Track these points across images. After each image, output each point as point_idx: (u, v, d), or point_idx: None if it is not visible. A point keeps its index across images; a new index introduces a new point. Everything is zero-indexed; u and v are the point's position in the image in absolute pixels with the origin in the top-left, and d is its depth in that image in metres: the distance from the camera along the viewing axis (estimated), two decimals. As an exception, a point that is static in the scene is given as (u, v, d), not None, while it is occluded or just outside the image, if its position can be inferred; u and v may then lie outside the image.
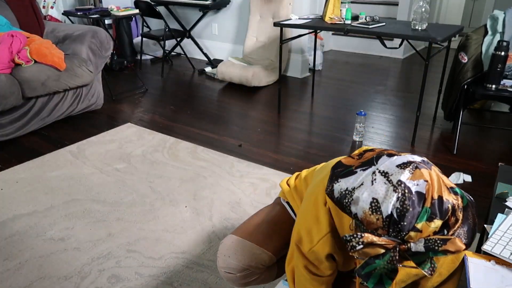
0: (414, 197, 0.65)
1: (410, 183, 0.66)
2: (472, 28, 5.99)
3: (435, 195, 0.66)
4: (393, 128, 2.95)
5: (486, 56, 2.50)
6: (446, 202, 0.66)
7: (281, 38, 3.02)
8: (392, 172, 0.68)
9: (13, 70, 2.61)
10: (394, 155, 0.72)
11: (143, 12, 4.28)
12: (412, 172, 0.68)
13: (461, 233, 0.69)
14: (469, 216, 0.71)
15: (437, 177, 0.68)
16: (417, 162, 0.70)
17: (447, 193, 0.67)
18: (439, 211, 0.65)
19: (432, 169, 0.70)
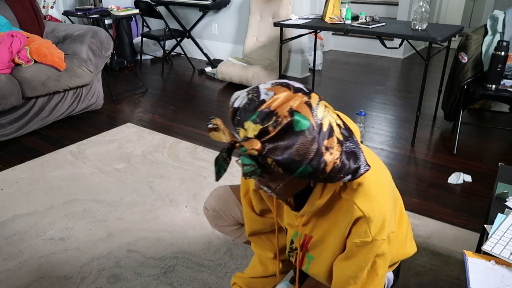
0: (255, 101, 0.73)
1: (263, 90, 0.74)
2: (472, 28, 5.99)
3: (272, 107, 0.72)
4: (393, 128, 2.95)
5: (486, 56, 2.50)
6: (273, 114, 0.71)
7: (281, 38, 3.02)
8: (264, 86, 0.76)
9: (13, 70, 2.61)
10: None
11: (143, 12, 4.28)
12: (274, 86, 0.75)
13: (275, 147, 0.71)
14: (296, 141, 0.71)
15: (290, 98, 0.73)
16: (290, 85, 0.76)
17: (283, 111, 0.71)
18: (263, 117, 0.71)
19: (297, 95, 0.74)
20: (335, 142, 0.75)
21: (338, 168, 0.76)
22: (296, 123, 0.71)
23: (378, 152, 2.59)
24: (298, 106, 0.73)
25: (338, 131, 0.77)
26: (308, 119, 0.72)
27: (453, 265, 1.61)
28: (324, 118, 0.75)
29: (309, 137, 0.72)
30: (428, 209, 1.99)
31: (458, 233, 1.80)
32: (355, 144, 0.79)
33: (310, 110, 0.73)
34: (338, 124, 0.78)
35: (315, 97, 0.76)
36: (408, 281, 1.54)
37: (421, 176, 2.30)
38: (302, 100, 0.74)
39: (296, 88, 0.76)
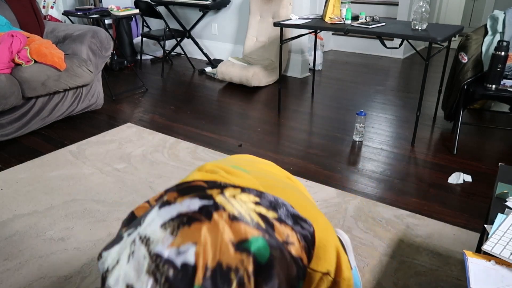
0: (178, 274, 0.46)
1: (171, 253, 0.48)
2: (472, 28, 5.99)
3: (210, 263, 0.47)
4: (393, 128, 2.95)
5: (486, 56, 2.50)
6: (226, 271, 0.47)
7: (281, 38, 3.02)
8: (154, 237, 0.50)
9: (13, 70, 2.61)
10: (167, 204, 0.53)
11: (143, 12, 4.28)
12: (176, 233, 0.49)
13: None
14: (273, 272, 0.50)
15: (217, 233, 0.49)
16: (190, 213, 0.51)
17: (230, 255, 0.48)
18: (222, 283, 0.47)
19: (213, 218, 0.50)
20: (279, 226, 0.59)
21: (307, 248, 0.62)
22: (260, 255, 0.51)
23: (378, 152, 2.59)
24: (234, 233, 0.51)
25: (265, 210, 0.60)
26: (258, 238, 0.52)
27: (453, 265, 1.61)
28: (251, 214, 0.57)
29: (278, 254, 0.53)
30: (428, 209, 1.99)
31: (458, 233, 1.80)
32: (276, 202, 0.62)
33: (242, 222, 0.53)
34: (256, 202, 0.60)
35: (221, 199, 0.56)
36: (408, 281, 1.54)
37: (421, 176, 2.30)
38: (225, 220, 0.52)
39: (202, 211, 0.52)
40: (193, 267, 0.47)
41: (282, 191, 0.71)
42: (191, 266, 0.47)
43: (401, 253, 1.68)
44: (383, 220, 1.90)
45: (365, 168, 2.40)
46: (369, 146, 2.67)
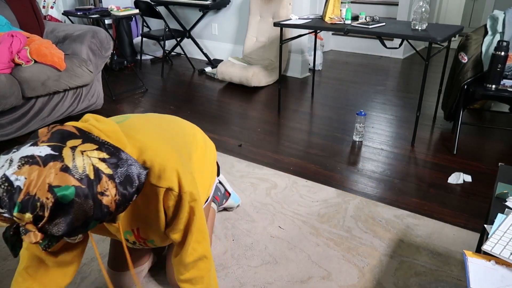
0: (11, 190, 0.74)
1: (12, 176, 0.74)
2: (472, 28, 5.99)
3: (32, 192, 0.74)
4: (393, 128, 2.95)
5: (486, 56, 2.50)
6: (35, 200, 0.74)
7: (281, 38, 3.02)
8: (13, 163, 0.76)
9: (13, 70, 2.61)
10: (35, 145, 0.78)
11: (143, 12, 4.28)
12: (21, 167, 0.75)
13: (55, 226, 0.76)
14: (70, 212, 0.76)
15: (44, 176, 0.75)
16: (37, 157, 0.76)
17: (43, 192, 0.74)
18: (31, 206, 0.74)
19: (48, 165, 0.75)
20: (106, 181, 0.81)
21: (120, 202, 0.83)
22: (63, 198, 0.75)
23: (378, 152, 2.59)
24: (55, 178, 0.75)
25: (105, 166, 0.82)
26: (71, 187, 0.76)
27: (453, 265, 1.61)
28: (87, 167, 0.79)
29: (82, 200, 0.77)
30: (428, 209, 1.99)
31: (458, 233, 1.80)
32: (124, 163, 0.85)
33: (68, 173, 0.77)
34: (103, 159, 0.82)
35: (67, 152, 0.79)
36: (408, 281, 1.54)
37: (421, 176, 2.30)
38: (56, 169, 0.76)
39: (45, 158, 0.77)
40: (20, 189, 0.74)
41: (136, 136, 1.02)
42: (20, 188, 0.74)
43: (401, 253, 1.68)
44: (383, 220, 1.90)
45: (365, 168, 2.40)
46: (369, 146, 2.67)
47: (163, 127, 1.15)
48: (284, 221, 1.90)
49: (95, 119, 0.94)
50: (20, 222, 0.76)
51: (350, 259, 1.66)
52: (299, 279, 1.56)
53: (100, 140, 0.85)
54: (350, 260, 1.65)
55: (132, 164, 0.87)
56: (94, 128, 0.89)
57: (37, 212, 0.75)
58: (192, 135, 1.30)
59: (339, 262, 1.64)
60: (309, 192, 2.13)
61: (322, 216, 1.93)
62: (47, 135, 0.81)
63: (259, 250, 1.71)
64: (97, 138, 0.85)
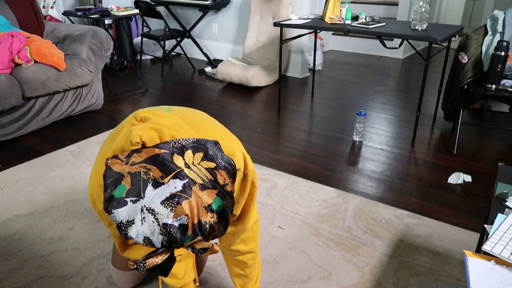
0: (178, 231, 0.78)
1: (173, 221, 0.78)
2: (472, 28, 5.99)
3: (196, 221, 0.79)
4: (393, 128, 2.95)
5: (486, 56, 2.50)
6: (204, 224, 0.80)
7: (281, 38, 3.02)
8: (157, 210, 0.78)
9: (13, 70, 2.61)
10: (158, 184, 0.79)
11: (143, 12, 4.28)
12: (174, 210, 0.78)
13: (218, 232, 0.85)
14: (226, 213, 0.85)
15: (196, 203, 0.79)
16: (179, 194, 0.78)
17: (205, 215, 0.80)
18: (200, 232, 0.80)
19: (192, 193, 0.79)
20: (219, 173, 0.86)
21: (233, 182, 0.90)
22: (220, 209, 0.83)
23: (378, 152, 2.59)
24: (206, 199, 0.81)
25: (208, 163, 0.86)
26: (216, 197, 0.83)
27: (453, 265, 1.61)
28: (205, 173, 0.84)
29: (225, 201, 0.85)
30: (428, 209, 1.99)
31: (458, 233, 1.80)
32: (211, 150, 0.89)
33: (207, 188, 0.82)
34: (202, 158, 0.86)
35: (191, 173, 0.82)
36: (408, 281, 1.54)
37: (421, 176, 2.30)
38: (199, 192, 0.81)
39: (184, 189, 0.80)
40: (186, 225, 0.78)
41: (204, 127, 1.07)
42: (185, 225, 0.78)
43: (401, 253, 1.68)
44: (383, 220, 1.90)
45: (365, 168, 2.40)
46: (369, 146, 2.67)
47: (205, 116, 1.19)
48: (284, 221, 1.90)
49: (155, 115, 0.96)
50: (191, 244, 0.84)
51: (350, 259, 1.66)
52: (299, 279, 1.56)
53: (183, 142, 0.87)
54: (350, 260, 1.65)
55: (212, 146, 0.90)
56: (162, 128, 0.90)
57: (208, 232, 0.81)
58: None
59: (339, 262, 1.64)
60: (309, 192, 2.13)
61: (322, 216, 1.93)
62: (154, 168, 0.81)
63: (259, 250, 1.71)
64: (181, 142, 0.87)
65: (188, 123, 1.05)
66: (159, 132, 0.88)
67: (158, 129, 0.89)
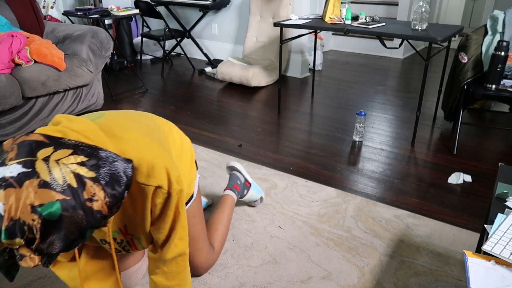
0: None
1: None
2: (472, 28, 5.99)
3: (15, 217, 0.69)
4: (393, 128, 2.95)
5: (486, 56, 2.50)
6: (22, 224, 0.70)
7: (281, 38, 3.02)
8: None
9: (13, 70, 2.61)
10: (3, 164, 0.73)
11: (143, 12, 4.28)
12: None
13: (51, 244, 0.73)
14: (62, 226, 0.73)
15: (23, 197, 0.70)
16: (9, 179, 0.71)
17: (27, 214, 0.70)
18: (19, 231, 0.70)
19: (24, 185, 0.71)
20: (91, 185, 0.77)
21: (112, 203, 0.80)
22: (50, 216, 0.71)
23: (378, 152, 2.59)
24: (36, 197, 0.71)
25: (86, 170, 0.77)
26: (55, 202, 0.72)
27: (453, 265, 1.62)
28: (67, 176, 0.75)
29: (71, 212, 0.73)
30: (428, 209, 1.99)
31: (458, 233, 1.80)
32: (105, 162, 0.81)
33: (48, 188, 0.72)
34: (81, 163, 0.77)
35: (41, 166, 0.73)
36: (408, 281, 1.54)
37: (421, 176, 2.30)
38: (34, 187, 0.72)
39: (18, 178, 0.72)
40: (1, 216, 0.69)
41: (122, 136, 0.97)
42: (1, 215, 0.69)
43: (401, 253, 1.68)
44: (383, 220, 1.90)
45: (365, 168, 2.40)
46: (369, 146, 2.67)
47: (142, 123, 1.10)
48: (284, 221, 1.90)
49: (67, 120, 0.89)
50: (12, 247, 0.73)
51: (350, 259, 1.66)
52: (299, 279, 1.56)
53: (74, 143, 0.80)
54: (350, 260, 1.65)
55: (114, 160, 0.82)
56: (68, 131, 0.85)
57: (27, 235, 0.71)
58: (168, 130, 1.26)
59: (339, 262, 1.64)
60: (309, 192, 2.13)
61: (322, 216, 1.93)
62: (13, 150, 0.75)
63: (259, 250, 1.71)
64: (69, 142, 0.80)
65: (108, 130, 0.98)
66: (63, 133, 0.84)
67: (63, 131, 0.84)
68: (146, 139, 1.01)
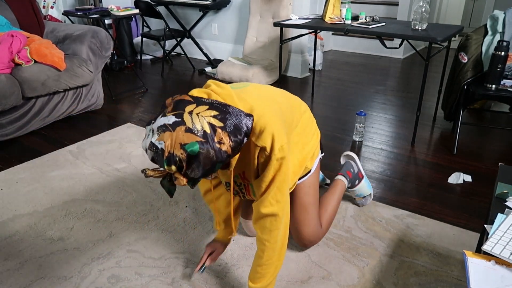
0: (159, 152, 1.00)
1: (157, 143, 1.00)
2: (472, 28, 5.99)
3: (171, 151, 1.00)
4: (393, 128, 2.95)
5: (486, 56, 2.50)
6: (174, 156, 0.99)
7: (281, 38, 3.02)
8: (154, 132, 1.02)
9: (13, 70, 2.61)
10: (164, 115, 1.04)
11: (143, 12, 4.28)
12: (160, 135, 1.01)
13: (192, 172, 1.02)
14: (199, 160, 1.00)
15: (175, 137, 0.99)
16: (168, 125, 1.01)
17: (178, 149, 0.99)
18: (172, 161, 1.00)
19: (176, 130, 1.00)
20: (220, 132, 1.03)
21: (234, 146, 1.06)
22: (192, 152, 1.00)
23: (378, 152, 2.59)
24: (182, 138, 1.00)
25: (216, 121, 1.04)
26: (195, 142, 1.00)
27: (453, 265, 1.62)
28: (203, 125, 1.02)
29: (205, 151, 1.01)
30: (428, 209, 1.99)
31: (458, 233, 1.80)
32: (231, 116, 1.07)
33: (191, 132, 1.00)
34: (214, 116, 1.04)
35: (186, 117, 1.02)
36: (408, 281, 1.54)
37: (421, 176, 2.30)
38: (182, 131, 1.00)
39: (173, 124, 1.01)
40: (163, 150, 1.00)
41: (251, 103, 1.21)
42: (163, 150, 1.00)
43: (401, 253, 1.68)
44: (383, 220, 1.90)
45: (365, 168, 2.40)
46: (369, 146, 2.67)
47: (272, 97, 1.34)
48: (284, 221, 1.90)
49: (215, 85, 1.17)
50: (171, 172, 1.03)
51: (350, 259, 1.66)
52: (299, 279, 1.56)
53: (210, 101, 1.08)
54: (350, 260, 1.65)
55: (238, 115, 1.09)
56: (212, 93, 1.13)
57: (178, 164, 1.00)
58: (298, 107, 1.49)
59: (339, 262, 1.64)
60: (309, 192, 2.13)
61: (322, 216, 1.93)
62: (171, 105, 1.06)
63: (259, 250, 1.71)
64: (207, 100, 1.08)
65: (239, 95, 1.23)
66: (208, 95, 1.12)
67: (208, 93, 1.13)
68: (267, 108, 1.23)
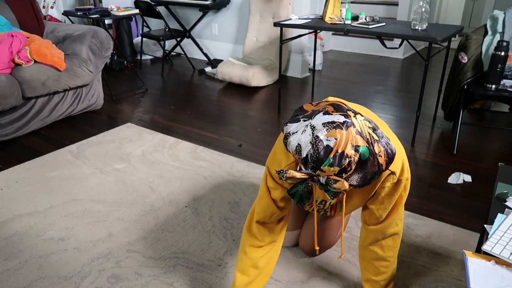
0: (323, 149, 0.91)
1: (324, 139, 0.91)
2: (472, 28, 5.99)
3: (340, 150, 0.91)
4: (393, 128, 2.95)
5: (486, 56, 2.50)
6: (345, 156, 0.91)
7: (281, 38, 3.02)
8: (317, 127, 0.93)
9: (13, 70, 2.61)
10: (328, 113, 0.96)
11: (143, 12, 4.28)
12: (329, 131, 0.92)
13: (353, 178, 0.95)
14: (366, 167, 0.94)
15: (347, 137, 0.92)
16: (338, 123, 0.93)
17: (350, 150, 0.91)
18: (338, 161, 0.91)
19: (349, 129, 0.92)
20: (378, 145, 0.97)
21: (387, 163, 0.99)
22: (363, 156, 0.93)
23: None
24: (356, 140, 0.92)
25: (375, 134, 0.98)
26: (365, 147, 0.93)
27: (453, 265, 1.62)
28: (368, 132, 0.96)
29: (372, 158, 0.95)
30: (428, 209, 1.99)
31: (458, 233, 1.80)
32: (381, 133, 1.00)
33: (360, 136, 0.94)
34: (372, 127, 0.99)
35: (355, 121, 0.95)
36: (408, 281, 1.54)
37: (421, 176, 2.30)
38: (354, 133, 0.93)
39: (343, 123, 0.93)
40: (331, 148, 0.91)
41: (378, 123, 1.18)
42: (330, 147, 0.91)
43: (401, 253, 1.68)
44: (383, 220, 1.90)
45: (365, 168, 2.40)
46: (369, 146, 2.67)
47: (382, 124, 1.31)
48: (284, 221, 1.90)
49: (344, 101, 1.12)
50: (321, 175, 0.94)
51: (350, 259, 1.66)
52: (299, 279, 1.56)
53: (362, 115, 1.02)
54: (350, 260, 1.65)
55: (385, 137, 1.02)
56: (348, 103, 1.09)
57: (344, 166, 0.91)
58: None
59: (339, 262, 1.64)
60: (309, 192, 2.13)
61: (322, 216, 1.93)
62: (329, 107, 0.98)
63: (259, 250, 1.71)
64: (356, 111, 1.02)
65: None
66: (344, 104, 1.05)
67: (344, 102, 1.07)
68: (390, 133, 1.22)
